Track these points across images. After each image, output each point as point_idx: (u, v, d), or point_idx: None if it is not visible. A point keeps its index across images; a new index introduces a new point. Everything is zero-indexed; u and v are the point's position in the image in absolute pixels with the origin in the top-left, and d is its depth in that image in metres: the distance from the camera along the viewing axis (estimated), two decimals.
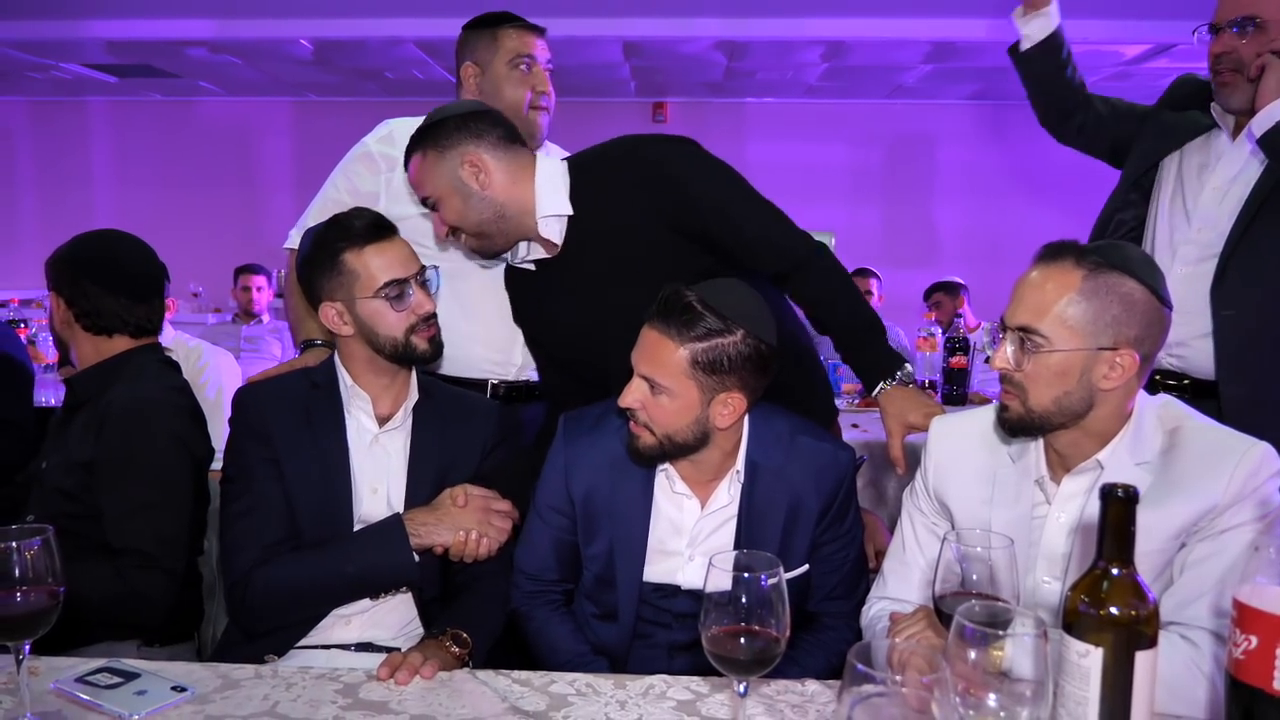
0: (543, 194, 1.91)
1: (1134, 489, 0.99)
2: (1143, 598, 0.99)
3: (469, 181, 1.88)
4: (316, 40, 5.88)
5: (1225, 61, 2.15)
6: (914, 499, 1.62)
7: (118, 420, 1.79)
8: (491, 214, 1.90)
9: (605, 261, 1.91)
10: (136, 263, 1.94)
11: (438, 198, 1.91)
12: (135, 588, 1.73)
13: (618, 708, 1.33)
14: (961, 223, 7.56)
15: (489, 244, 1.95)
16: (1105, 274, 1.34)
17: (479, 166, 1.88)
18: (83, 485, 1.79)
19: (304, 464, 1.76)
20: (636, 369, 1.59)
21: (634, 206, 1.89)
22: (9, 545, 1.18)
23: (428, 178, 1.90)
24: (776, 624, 1.10)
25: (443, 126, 1.89)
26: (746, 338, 1.55)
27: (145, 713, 1.29)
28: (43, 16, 5.49)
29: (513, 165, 1.91)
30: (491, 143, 1.90)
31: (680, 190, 1.88)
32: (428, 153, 1.89)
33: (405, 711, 1.32)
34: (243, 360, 4.34)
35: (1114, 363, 1.34)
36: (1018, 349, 1.38)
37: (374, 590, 1.76)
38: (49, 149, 8.02)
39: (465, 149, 1.88)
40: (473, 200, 1.88)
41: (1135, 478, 1.31)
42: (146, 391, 1.85)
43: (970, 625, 0.97)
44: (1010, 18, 2.63)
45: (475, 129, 1.89)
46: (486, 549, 1.75)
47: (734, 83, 7.02)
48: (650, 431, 1.59)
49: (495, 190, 1.89)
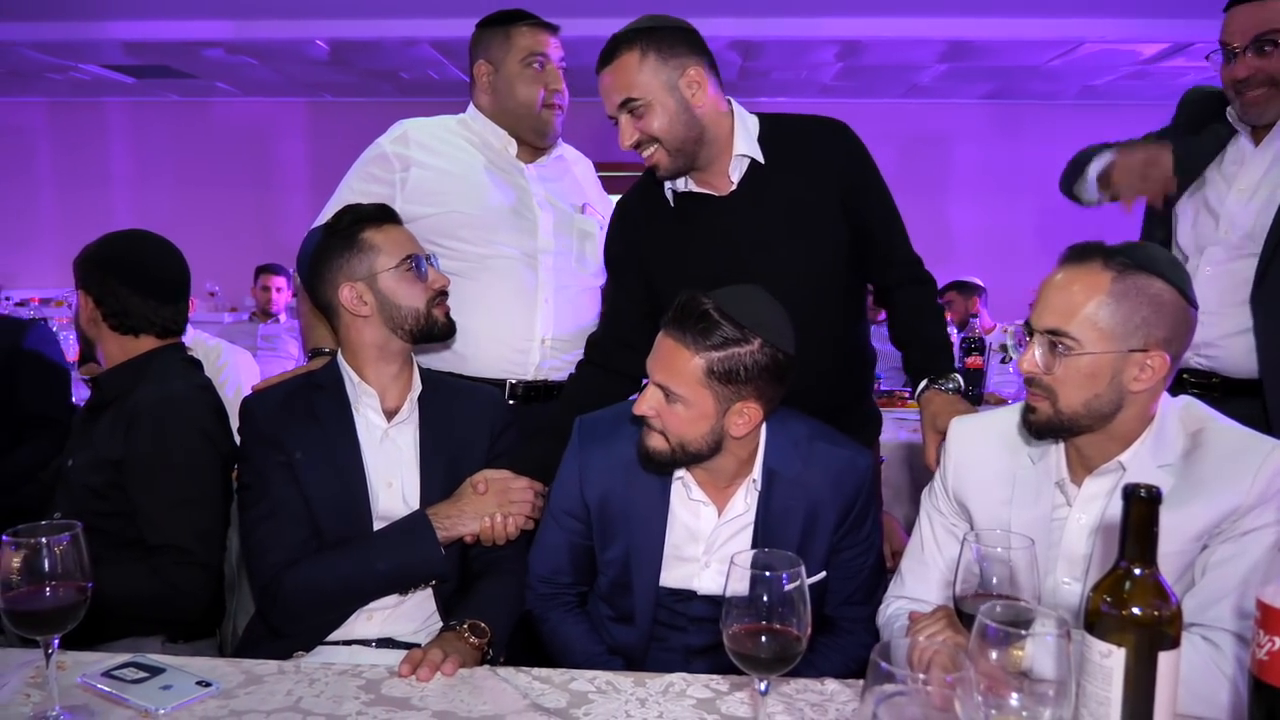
0: (740, 132, 1.90)
1: (1157, 489, 0.99)
2: (1165, 598, 0.99)
3: (686, 94, 1.83)
4: (333, 41, 5.90)
5: (1253, 83, 2.16)
6: (933, 499, 1.62)
7: (148, 418, 1.81)
8: (696, 133, 1.86)
9: (775, 211, 1.92)
10: (165, 264, 1.97)
11: (648, 102, 1.83)
12: (174, 583, 1.76)
13: (638, 705, 1.34)
14: (976, 223, 7.53)
15: (679, 162, 1.89)
16: (1134, 275, 1.33)
17: (700, 83, 1.84)
18: (111, 483, 1.81)
19: (317, 465, 1.78)
20: (651, 377, 1.58)
21: (822, 168, 1.92)
22: (39, 541, 1.21)
23: (643, 79, 1.82)
24: (797, 623, 1.11)
25: (668, 32, 1.83)
26: (764, 347, 1.54)
27: (171, 707, 1.31)
28: (62, 18, 5.52)
29: (719, 94, 1.89)
30: (709, 64, 1.87)
31: (864, 168, 1.96)
32: (649, 53, 1.81)
33: (427, 708, 1.33)
34: (260, 359, 4.37)
35: (1144, 364, 1.33)
36: (1046, 352, 1.37)
37: (404, 586, 1.78)
38: (67, 149, 8.07)
39: (689, 61, 1.83)
40: (683, 114, 1.84)
41: (1157, 479, 1.31)
42: (174, 390, 1.87)
43: (993, 625, 0.98)
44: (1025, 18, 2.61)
45: (699, 46, 1.86)
46: (515, 526, 1.79)
47: (748, 82, 7.01)
48: (664, 438, 1.58)
49: (705, 112, 1.85)
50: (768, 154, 1.92)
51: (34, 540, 1.21)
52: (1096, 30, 5.44)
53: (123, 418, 1.82)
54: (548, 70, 2.25)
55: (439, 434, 1.86)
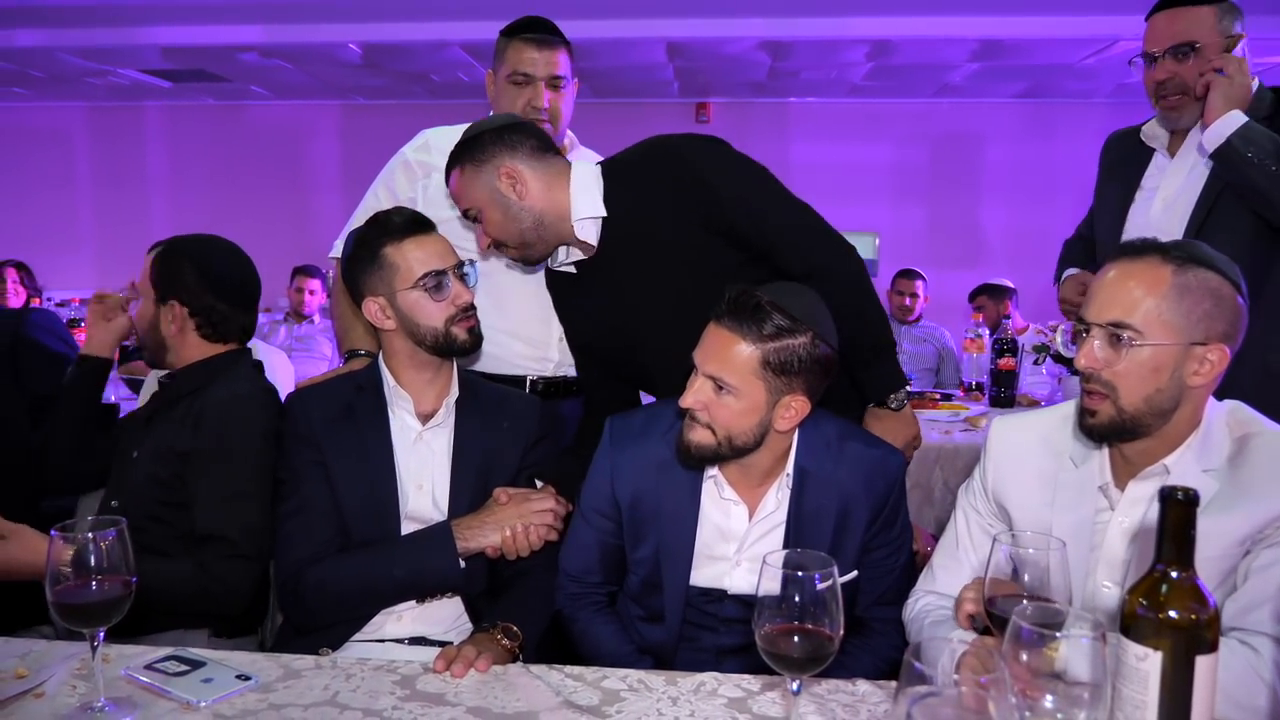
0: (577, 198, 1.94)
1: (1194, 491, 0.98)
2: (1203, 601, 0.98)
3: (507, 193, 1.91)
4: (365, 44, 5.96)
5: (1170, 86, 2.30)
6: (970, 497, 1.61)
7: (215, 414, 1.87)
8: (531, 223, 1.93)
9: (640, 259, 1.94)
10: (250, 274, 2.05)
11: (479, 209, 1.94)
12: (218, 575, 1.79)
13: (669, 704, 1.35)
14: (1008, 223, 7.45)
15: (530, 252, 1.99)
16: (1193, 269, 1.32)
17: (515, 177, 1.92)
18: (176, 474, 1.87)
19: (350, 464, 1.81)
20: (701, 369, 1.58)
21: (665, 204, 1.91)
22: (85, 537, 1.24)
23: (467, 191, 1.95)
24: (830, 623, 1.11)
25: (479, 141, 1.93)
26: (815, 340, 1.56)
27: (211, 700, 1.33)
28: (102, 24, 5.63)
29: (548, 173, 1.94)
30: (526, 153, 1.93)
31: (708, 187, 1.90)
32: (465, 167, 1.93)
33: (461, 703, 1.35)
34: (294, 360, 4.42)
35: (1204, 358, 1.32)
36: (1106, 345, 1.35)
37: (420, 593, 1.80)
38: (106, 152, 8.21)
39: (501, 161, 1.92)
40: (511, 211, 1.92)
41: (1201, 484, 1.30)
42: (243, 390, 1.93)
43: (1027, 626, 0.98)
44: (1060, 16, 2.66)
45: (510, 141, 1.93)
46: (538, 537, 1.79)
47: (777, 83, 7.00)
48: (710, 432, 1.58)
49: (532, 199, 1.92)
50: (611, 206, 1.95)
51: (81, 536, 1.24)
52: (1131, 28, 5.33)
53: (192, 413, 1.89)
54: (531, 87, 2.27)
55: (472, 441, 1.88)
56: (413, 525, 1.82)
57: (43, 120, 8.14)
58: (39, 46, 5.93)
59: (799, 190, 1.98)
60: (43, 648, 1.50)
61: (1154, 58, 2.30)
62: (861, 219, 7.57)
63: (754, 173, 1.96)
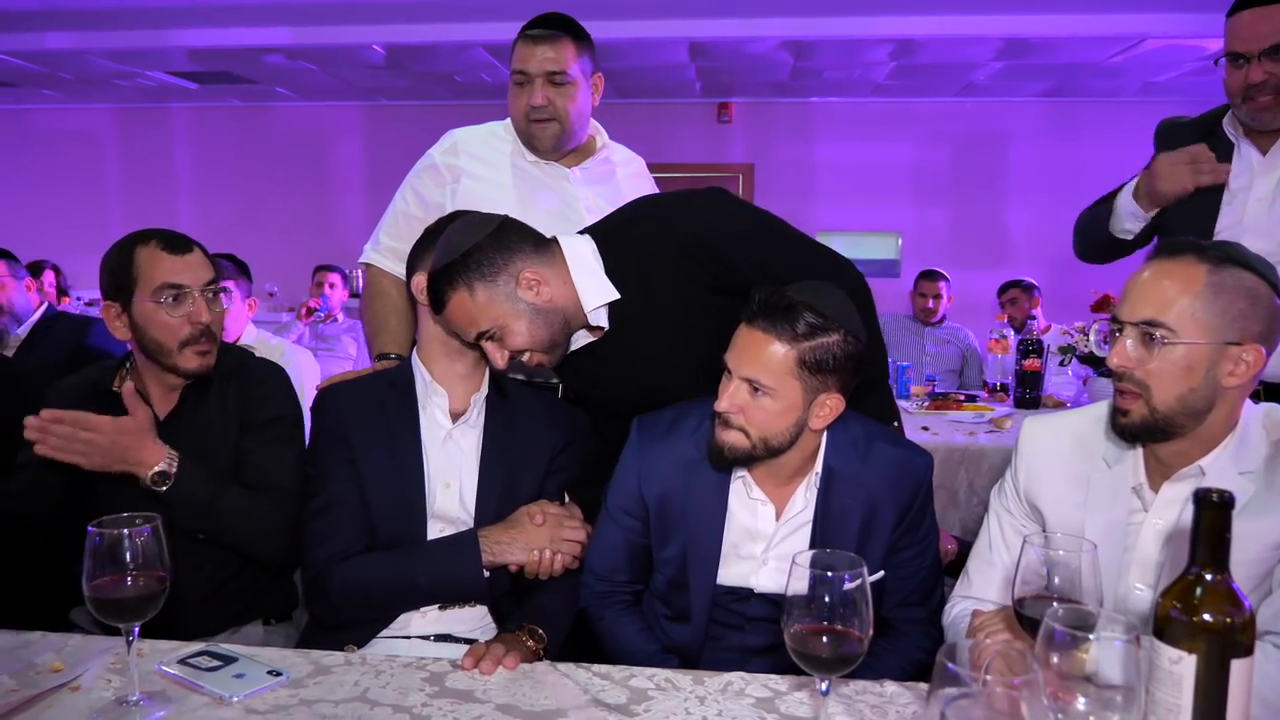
0: (584, 284, 1.80)
1: (1229, 494, 0.97)
2: (1238, 604, 0.98)
3: (531, 300, 1.74)
4: (388, 46, 5.99)
5: (1267, 88, 2.18)
6: (1003, 499, 1.61)
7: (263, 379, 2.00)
8: (560, 323, 1.79)
9: (649, 327, 1.86)
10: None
11: (498, 327, 1.74)
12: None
13: (697, 703, 1.35)
14: (1032, 223, 7.39)
15: (557, 353, 1.83)
16: (1229, 268, 1.31)
17: (538, 279, 1.74)
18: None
19: (379, 460, 1.82)
20: (736, 372, 1.58)
21: (678, 281, 1.81)
22: (121, 533, 1.25)
23: (481, 312, 1.72)
24: (859, 623, 1.11)
25: (479, 253, 1.71)
26: (847, 336, 1.56)
27: (244, 695, 1.35)
28: (130, 26, 5.69)
29: (555, 265, 1.79)
30: (531, 250, 1.77)
31: (722, 259, 1.80)
32: (475, 285, 1.71)
33: (490, 700, 1.36)
34: (318, 359, 4.45)
35: (1239, 359, 1.31)
36: (1139, 344, 1.35)
37: (443, 600, 1.81)
38: (133, 153, 8.30)
39: (515, 268, 1.73)
40: (539, 317, 1.75)
41: (1237, 486, 1.29)
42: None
43: (1060, 629, 0.97)
44: (1086, 14, 2.58)
45: (511, 243, 1.74)
46: (562, 564, 1.79)
47: (800, 82, 6.98)
48: (744, 435, 1.58)
49: (556, 298, 1.77)
50: (617, 282, 1.82)
51: (117, 531, 1.26)
52: (1159, 25, 5.32)
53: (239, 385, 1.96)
54: (531, 86, 2.21)
55: (502, 441, 1.88)
56: (439, 524, 1.83)
57: (71, 122, 8.25)
58: (68, 49, 6.01)
59: (821, 191, 1.97)
60: (78, 642, 1.52)
61: (1245, 58, 2.18)
62: (884, 219, 7.54)
63: (761, 227, 1.88)
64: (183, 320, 1.80)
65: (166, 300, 1.80)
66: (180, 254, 1.83)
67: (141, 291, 1.80)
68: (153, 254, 1.82)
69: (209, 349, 1.85)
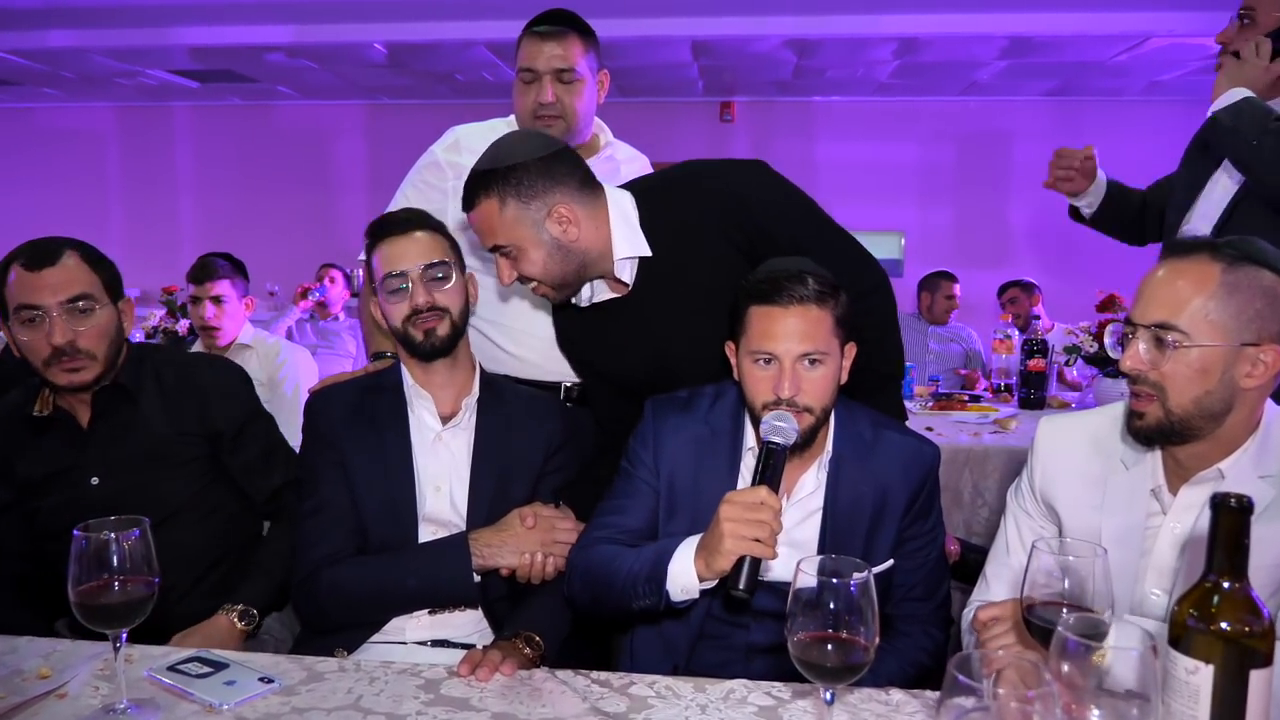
0: (620, 235, 1.78)
1: (1248, 498, 0.94)
2: (1257, 613, 0.95)
3: (557, 235, 1.71)
4: (390, 44, 5.98)
5: (1223, 50, 2.25)
6: (1019, 499, 1.58)
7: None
8: (577, 265, 1.76)
9: (674, 294, 1.84)
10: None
11: (516, 247, 1.72)
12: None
13: (698, 711, 1.32)
14: (1036, 223, 7.36)
15: (566, 291, 1.81)
16: (1244, 267, 1.28)
17: (569, 218, 1.72)
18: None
19: (368, 463, 1.80)
20: (790, 352, 1.54)
21: (709, 242, 1.80)
22: (108, 537, 1.23)
23: (504, 227, 1.70)
24: (865, 631, 1.08)
25: (522, 174, 1.69)
26: (843, 291, 1.62)
27: (234, 702, 1.32)
28: (131, 25, 5.68)
29: (594, 209, 1.76)
30: (575, 188, 1.73)
31: (760, 223, 1.79)
32: (508, 200, 1.68)
33: (487, 709, 1.33)
34: (318, 356, 4.43)
35: (1257, 359, 1.28)
36: (1151, 347, 1.32)
37: (433, 604, 1.79)
38: (135, 152, 8.30)
39: (552, 200, 1.70)
40: (559, 253, 1.73)
41: (1257, 490, 1.25)
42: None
43: (1073, 638, 0.94)
44: (1090, 13, 2.57)
45: (558, 175, 1.71)
46: (554, 568, 1.75)
47: (802, 81, 6.95)
48: (810, 414, 1.56)
49: (583, 241, 1.74)
50: (652, 240, 1.80)
51: (104, 535, 1.23)
52: (1164, 24, 5.30)
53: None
54: (538, 83, 2.18)
55: (493, 443, 1.85)
56: (430, 527, 1.81)
57: (72, 121, 8.25)
58: (70, 47, 6.01)
59: (824, 190, 1.95)
60: (66, 648, 1.49)
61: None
62: (887, 218, 7.51)
63: (800, 202, 1.87)
64: (41, 340, 1.75)
65: (23, 322, 1.76)
66: (38, 270, 1.75)
67: (9, 312, 1.78)
68: (16, 273, 1.76)
69: (78, 366, 1.77)
